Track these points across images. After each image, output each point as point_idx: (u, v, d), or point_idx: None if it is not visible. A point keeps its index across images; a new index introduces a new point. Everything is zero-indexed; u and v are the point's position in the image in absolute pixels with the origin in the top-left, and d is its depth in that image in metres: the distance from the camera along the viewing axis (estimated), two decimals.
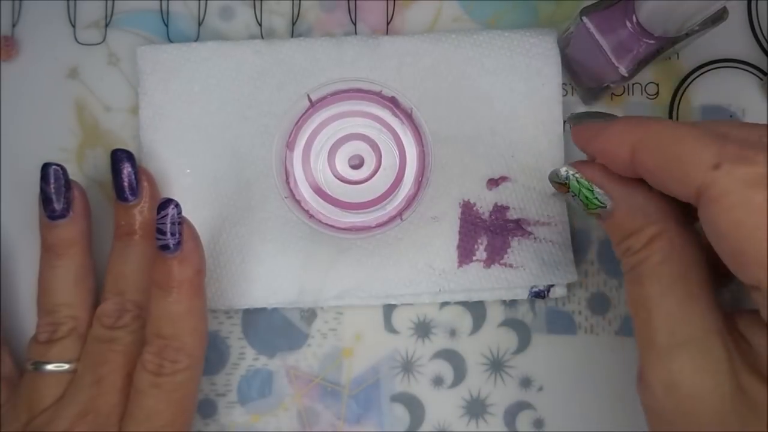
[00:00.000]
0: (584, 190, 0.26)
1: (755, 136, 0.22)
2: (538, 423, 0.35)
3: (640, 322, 0.24)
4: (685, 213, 0.25)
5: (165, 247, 0.29)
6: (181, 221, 0.30)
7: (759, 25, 0.36)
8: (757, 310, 0.23)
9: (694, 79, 0.36)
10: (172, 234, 0.29)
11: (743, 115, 0.35)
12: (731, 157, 0.21)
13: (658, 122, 0.23)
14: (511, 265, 0.34)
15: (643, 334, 0.24)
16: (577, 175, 0.26)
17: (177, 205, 0.29)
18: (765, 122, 0.35)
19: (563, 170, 0.26)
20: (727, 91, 0.36)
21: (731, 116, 0.35)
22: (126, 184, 0.32)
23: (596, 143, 0.25)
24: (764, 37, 0.36)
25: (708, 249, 0.24)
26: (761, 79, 0.36)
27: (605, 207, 0.25)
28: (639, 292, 0.24)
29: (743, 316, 0.25)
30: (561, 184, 0.26)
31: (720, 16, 0.30)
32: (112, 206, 0.34)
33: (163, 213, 0.29)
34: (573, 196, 0.26)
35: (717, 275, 0.25)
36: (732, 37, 0.36)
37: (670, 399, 0.23)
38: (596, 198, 0.25)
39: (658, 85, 0.36)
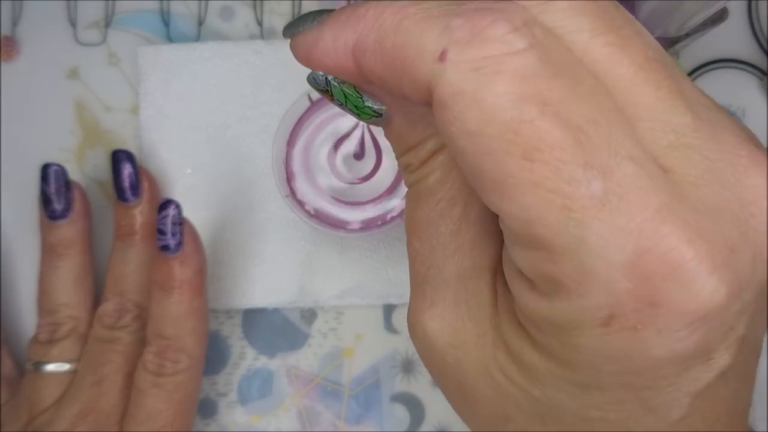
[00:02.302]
0: (351, 98, 0.19)
1: None
2: None
3: (411, 251, 0.20)
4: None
5: (166, 248, 0.29)
6: (181, 221, 0.30)
7: (759, 25, 0.36)
8: None
9: (694, 79, 0.36)
10: (173, 234, 0.29)
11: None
12: (460, 36, 0.15)
13: (376, 6, 0.17)
14: None
15: (413, 266, 0.20)
16: (338, 80, 0.19)
17: (178, 206, 0.29)
18: (765, 123, 0.35)
19: (321, 74, 0.19)
20: (727, 91, 0.36)
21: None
22: (126, 184, 0.32)
23: (315, 58, 0.18)
24: (764, 37, 0.36)
25: None
26: (761, 79, 0.36)
27: (380, 116, 0.20)
28: (413, 214, 0.20)
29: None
30: (323, 91, 0.20)
31: (720, 16, 0.30)
32: (112, 206, 0.34)
33: (163, 213, 0.29)
34: (340, 104, 0.20)
35: None
36: (732, 37, 0.36)
37: (431, 346, 0.19)
38: (367, 106, 0.19)
39: None
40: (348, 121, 0.31)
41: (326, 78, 0.19)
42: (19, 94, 0.36)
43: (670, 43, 0.30)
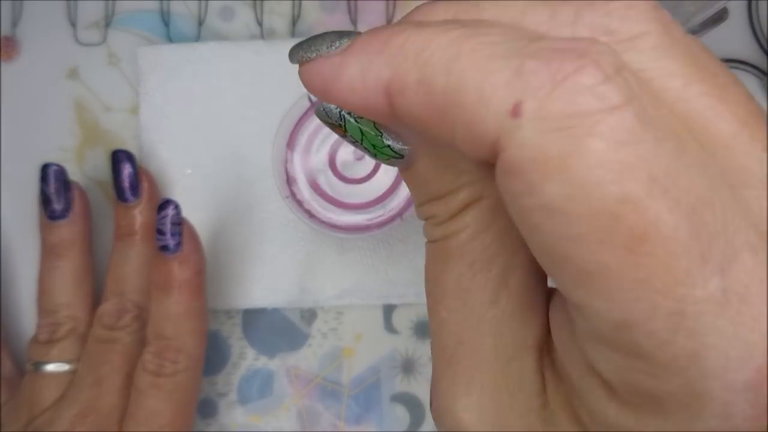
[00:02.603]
0: (369, 136, 0.16)
1: (580, 26, 0.13)
2: None
3: (437, 322, 0.16)
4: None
5: (165, 248, 0.29)
6: (181, 222, 0.30)
7: (759, 25, 0.36)
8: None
9: None
10: (172, 234, 0.29)
11: None
12: (538, 83, 0.12)
13: (419, 34, 0.13)
14: None
15: (441, 341, 0.16)
16: (354, 115, 0.16)
17: (177, 206, 0.29)
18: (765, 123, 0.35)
19: (333, 107, 0.16)
20: None
21: None
22: (126, 184, 0.32)
23: (335, 92, 0.15)
24: (764, 37, 0.36)
25: None
26: (761, 79, 0.36)
27: (401, 157, 0.16)
28: (439, 277, 0.16)
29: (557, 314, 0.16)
30: (334, 125, 0.17)
31: (720, 17, 0.30)
32: (112, 206, 0.34)
33: (163, 213, 0.29)
34: (353, 142, 0.16)
35: None
36: (732, 37, 0.36)
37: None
38: (387, 146, 0.16)
39: None
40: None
41: (340, 112, 0.16)
42: (19, 94, 0.36)
43: None
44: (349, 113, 0.16)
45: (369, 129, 0.16)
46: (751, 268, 0.11)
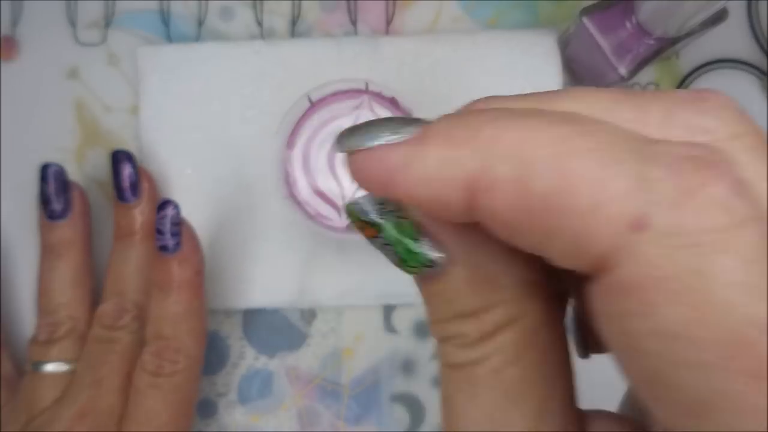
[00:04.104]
0: (405, 240, 0.14)
1: (710, 134, 0.12)
2: None
3: None
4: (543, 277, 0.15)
5: (164, 248, 0.29)
6: (180, 222, 0.30)
7: (759, 25, 0.36)
8: (610, 414, 0.16)
9: (694, 79, 0.36)
10: (172, 234, 0.29)
11: None
12: (665, 195, 0.11)
13: (515, 123, 0.12)
14: None
15: None
16: (396, 215, 0.15)
17: (176, 206, 0.29)
18: (765, 123, 0.35)
19: (373, 206, 0.15)
20: (727, 91, 0.35)
21: None
22: (126, 184, 0.32)
23: (402, 185, 0.13)
24: (764, 37, 0.36)
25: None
26: (761, 79, 0.36)
27: (433, 267, 0.14)
28: (468, 410, 0.14)
29: (598, 419, 0.16)
30: (366, 224, 0.15)
31: (720, 16, 0.30)
32: (112, 206, 0.34)
33: (162, 213, 0.29)
34: (385, 245, 0.15)
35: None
36: (732, 37, 0.36)
37: None
38: (420, 252, 0.14)
39: (658, 85, 0.36)
40: (348, 121, 0.31)
41: (381, 210, 0.15)
42: (19, 94, 0.36)
43: (670, 43, 0.30)
44: (391, 212, 0.15)
45: (408, 231, 0.15)
46: None
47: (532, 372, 0.14)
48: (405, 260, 0.15)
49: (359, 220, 0.15)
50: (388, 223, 0.15)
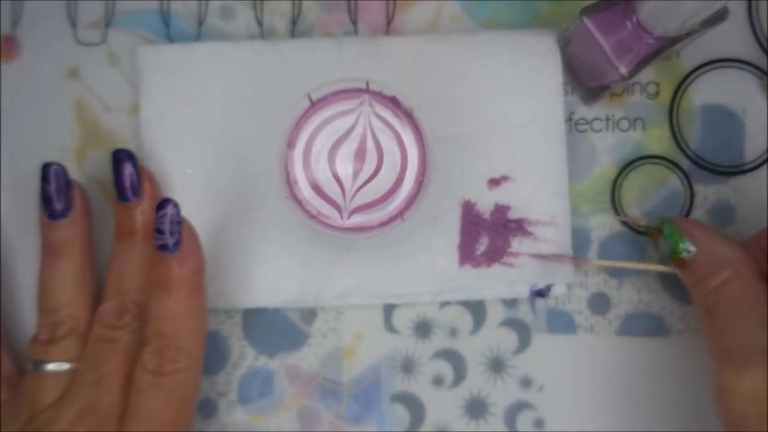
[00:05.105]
0: (676, 235, 0.31)
1: None
2: (539, 423, 0.35)
3: (717, 346, 0.29)
4: (758, 264, 0.30)
5: (164, 247, 0.29)
6: (179, 221, 0.30)
7: (759, 25, 0.36)
8: None
9: (695, 79, 0.36)
10: (171, 233, 0.29)
11: (743, 114, 0.35)
12: None
13: None
14: (511, 265, 0.34)
15: (722, 354, 0.28)
16: (672, 224, 0.31)
17: (176, 205, 0.29)
18: (765, 123, 0.35)
19: (661, 219, 0.33)
20: (727, 90, 0.36)
21: (732, 116, 0.35)
22: (127, 184, 0.32)
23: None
24: (764, 37, 0.36)
25: None
26: (761, 79, 0.36)
27: (690, 253, 0.31)
28: (714, 323, 0.29)
29: None
30: (656, 229, 0.32)
31: (720, 16, 0.30)
32: (112, 206, 0.34)
33: (161, 213, 0.29)
34: (665, 239, 0.32)
35: None
36: (732, 37, 0.36)
37: (755, 405, 0.26)
38: (684, 242, 0.31)
39: (658, 84, 0.36)
40: (348, 121, 0.31)
41: (666, 222, 0.32)
42: (19, 94, 0.36)
43: (670, 43, 0.30)
44: (671, 223, 0.32)
45: (678, 234, 0.31)
46: None
47: (751, 303, 0.29)
48: (675, 250, 0.31)
49: (651, 227, 0.33)
50: (667, 226, 0.32)
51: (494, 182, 0.34)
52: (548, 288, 0.34)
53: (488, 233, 0.34)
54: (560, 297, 0.35)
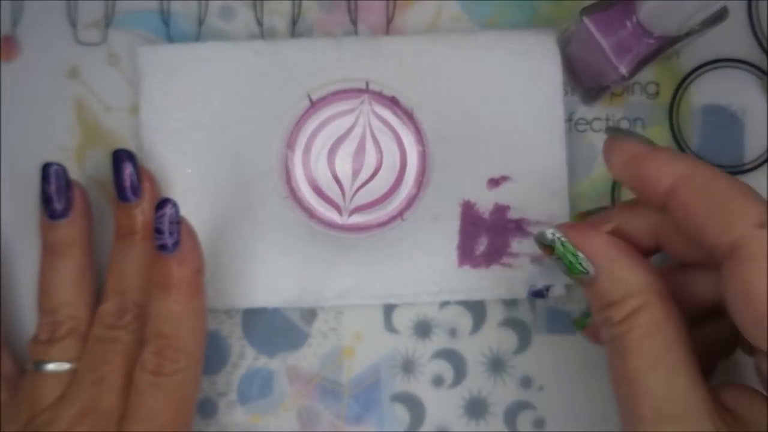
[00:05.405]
0: (569, 255, 0.25)
1: None
2: (538, 423, 0.35)
3: (624, 396, 0.24)
4: (667, 287, 0.25)
5: (163, 247, 0.29)
6: (179, 221, 0.30)
7: (759, 25, 0.36)
8: (745, 385, 0.24)
9: (694, 79, 0.36)
10: (170, 233, 0.29)
11: (743, 115, 0.35)
12: None
13: (706, 164, 0.24)
14: (510, 265, 0.34)
15: (629, 408, 0.24)
16: (563, 239, 0.26)
17: (175, 205, 0.29)
18: (765, 123, 0.35)
19: (549, 233, 0.26)
20: (727, 91, 0.36)
21: (732, 116, 0.35)
22: (127, 184, 0.32)
23: (636, 166, 0.25)
24: (764, 37, 0.36)
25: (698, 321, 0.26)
26: (761, 79, 0.36)
27: (588, 273, 0.25)
28: (621, 365, 0.24)
29: (731, 390, 0.24)
30: (546, 246, 0.26)
31: (720, 16, 0.30)
32: (112, 206, 0.34)
33: (160, 212, 0.29)
34: (557, 258, 0.26)
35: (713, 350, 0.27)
36: (732, 37, 0.36)
37: None
38: (580, 264, 0.25)
39: (658, 84, 0.36)
40: (348, 121, 0.31)
41: (554, 237, 0.26)
42: (19, 94, 0.36)
43: (670, 42, 0.30)
44: (560, 238, 0.26)
45: (570, 251, 0.25)
46: None
47: (662, 343, 0.23)
48: (570, 269, 0.26)
49: (542, 244, 0.26)
50: (558, 244, 0.26)
51: (494, 182, 0.34)
52: (547, 288, 0.34)
53: (488, 233, 0.34)
54: (560, 297, 0.35)
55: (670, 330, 0.23)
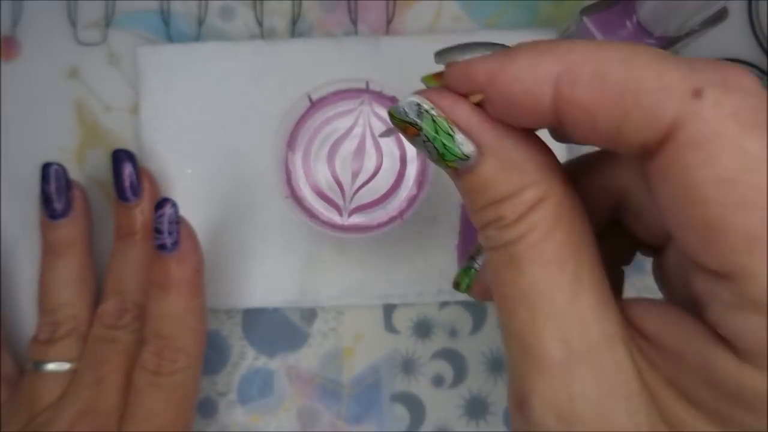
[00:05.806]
0: (442, 135, 0.18)
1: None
2: None
3: (518, 323, 0.17)
4: (565, 172, 0.18)
5: (162, 247, 0.29)
6: (178, 220, 0.30)
7: (759, 25, 0.36)
8: (649, 299, 0.18)
9: None
10: (170, 233, 0.29)
11: None
12: (713, 78, 0.14)
13: (586, 44, 0.16)
14: None
15: (525, 340, 0.17)
16: (433, 112, 0.18)
17: (174, 205, 0.29)
18: None
19: (414, 104, 0.18)
20: None
21: None
22: (127, 184, 0.32)
23: (501, 81, 0.17)
24: (764, 37, 0.36)
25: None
26: (761, 79, 0.36)
27: (467, 159, 0.17)
28: (515, 280, 0.17)
29: (636, 307, 0.18)
30: (407, 124, 0.18)
31: (720, 16, 0.30)
32: (112, 206, 0.34)
33: (160, 212, 0.29)
34: (425, 141, 0.18)
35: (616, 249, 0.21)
36: (732, 37, 0.36)
37: (562, 422, 0.17)
38: (458, 146, 0.17)
39: None
40: (348, 121, 0.31)
41: (420, 109, 0.18)
42: (19, 94, 0.36)
43: (670, 43, 0.30)
44: (429, 111, 0.18)
45: (444, 130, 0.18)
46: None
47: (564, 243, 0.17)
48: (443, 155, 0.18)
49: (402, 121, 0.18)
50: (427, 121, 0.18)
51: None
52: None
53: None
54: None
55: (577, 227, 0.17)
